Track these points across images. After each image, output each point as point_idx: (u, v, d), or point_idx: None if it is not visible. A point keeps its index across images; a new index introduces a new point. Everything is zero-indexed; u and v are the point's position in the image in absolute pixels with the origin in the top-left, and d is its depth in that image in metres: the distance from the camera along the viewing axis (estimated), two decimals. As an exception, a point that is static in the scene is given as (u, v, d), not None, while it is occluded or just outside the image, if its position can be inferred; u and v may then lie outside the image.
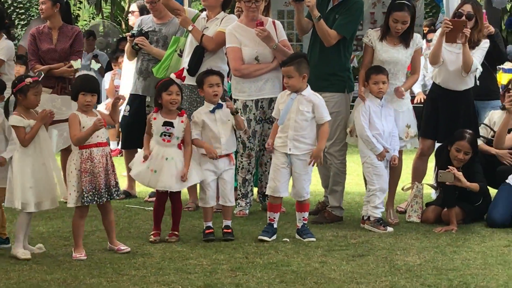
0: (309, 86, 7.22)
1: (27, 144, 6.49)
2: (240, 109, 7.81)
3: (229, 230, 7.17)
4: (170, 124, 6.97)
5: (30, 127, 6.48)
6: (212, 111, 7.16)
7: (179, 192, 7.16)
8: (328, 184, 8.08)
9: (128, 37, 9.15)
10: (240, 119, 7.22)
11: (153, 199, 8.90)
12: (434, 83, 8.33)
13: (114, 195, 6.67)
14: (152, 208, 8.37)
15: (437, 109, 8.18)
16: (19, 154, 6.51)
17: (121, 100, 6.94)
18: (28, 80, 6.56)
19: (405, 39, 7.87)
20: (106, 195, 6.60)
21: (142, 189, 9.40)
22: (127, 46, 9.26)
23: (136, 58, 9.18)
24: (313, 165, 7.21)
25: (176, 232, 7.11)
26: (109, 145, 6.82)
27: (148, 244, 6.98)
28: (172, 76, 7.09)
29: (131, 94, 9.16)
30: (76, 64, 7.90)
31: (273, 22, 8.16)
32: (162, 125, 6.97)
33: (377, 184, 7.65)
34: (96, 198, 6.55)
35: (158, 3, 8.82)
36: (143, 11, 10.03)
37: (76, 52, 8.91)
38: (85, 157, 6.55)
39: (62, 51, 8.86)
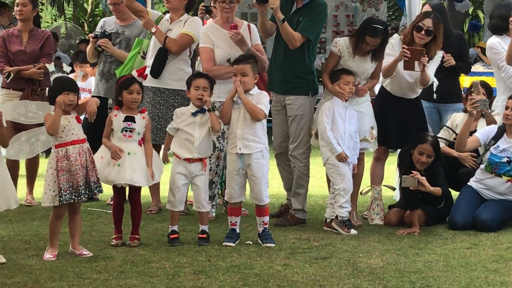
0: (256, 86, 7.18)
1: None
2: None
3: (204, 235, 7.12)
4: (132, 119, 6.93)
5: None
6: (194, 114, 7.11)
7: (138, 194, 7.10)
8: (291, 187, 8.08)
9: (90, 38, 9.10)
10: (215, 118, 7.09)
11: (115, 202, 8.88)
12: (383, 89, 8.35)
13: (96, 191, 6.67)
14: (114, 211, 8.37)
15: (387, 115, 8.20)
16: None
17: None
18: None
19: (374, 55, 7.91)
20: (86, 192, 6.58)
21: (104, 192, 9.32)
22: (88, 47, 9.20)
23: (97, 60, 9.13)
24: None
25: (137, 236, 7.05)
26: (87, 142, 6.71)
27: (110, 247, 6.93)
28: (134, 73, 7.01)
29: (93, 96, 9.11)
30: (50, 67, 7.88)
31: (248, 26, 8.15)
32: (123, 121, 6.92)
33: (341, 184, 7.67)
34: (73, 196, 6.52)
35: (121, 5, 8.80)
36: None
37: (46, 55, 8.92)
38: (61, 155, 6.52)
39: (32, 53, 8.87)
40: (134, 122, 6.94)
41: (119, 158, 6.81)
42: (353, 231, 7.57)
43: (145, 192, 7.24)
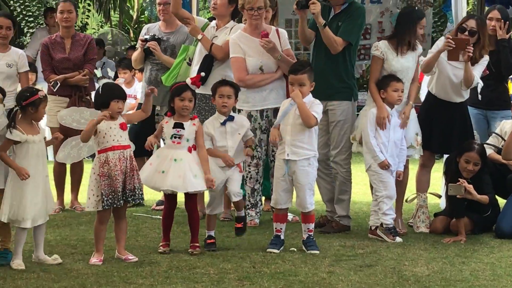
0: (310, 94, 7.19)
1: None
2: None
3: (240, 225, 7.21)
4: (181, 126, 6.94)
5: (28, 142, 6.45)
6: (223, 123, 7.14)
7: (194, 201, 7.09)
8: (329, 198, 8.04)
9: (140, 41, 9.10)
10: (250, 152, 7.27)
11: (161, 207, 8.91)
12: (429, 93, 8.32)
13: (130, 199, 6.67)
14: (159, 217, 8.39)
15: (431, 120, 8.17)
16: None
17: (154, 92, 6.91)
18: (42, 93, 6.57)
19: (413, 47, 7.95)
20: (123, 198, 6.62)
21: (149, 197, 9.40)
22: (135, 53, 9.24)
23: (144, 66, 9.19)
24: None
25: (197, 244, 7.02)
26: (131, 149, 6.77)
27: (155, 253, 6.96)
28: (188, 81, 7.03)
29: (139, 103, 9.17)
30: (98, 72, 7.97)
31: (277, 31, 8.14)
32: (173, 127, 6.94)
33: (384, 191, 7.64)
34: (115, 201, 6.57)
35: (169, 7, 8.79)
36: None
37: (90, 60, 8.98)
38: (102, 161, 6.59)
39: (76, 60, 8.95)
40: (183, 128, 6.94)
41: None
42: (398, 239, 7.52)
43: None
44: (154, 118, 8.94)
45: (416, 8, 7.94)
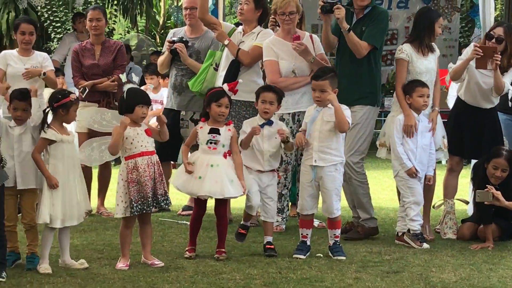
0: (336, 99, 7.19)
1: (34, 158, 6.49)
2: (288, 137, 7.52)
3: (271, 246, 7.14)
4: (217, 131, 6.93)
5: (62, 142, 6.51)
6: (262, 126, 7.15)
7: (224, 207, 7.09)
8: (355, 204, 8.01)
9: (167, 43, 9.09)
10: (290, 145, 7.17)
11: (187, 212, 8.96)
12: (459, 99, 8.29)
13: (162, 204, 6.70)
14: (185, 222, 8.42)
15: (461, 125, 8.13)
16: (52, 170, 6.52)
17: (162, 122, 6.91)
18: (73, 96, 6.62)
19: (429, 44, 7.95)
20: (154, 204, 6.63)
21: (175, 203, 9.41)
22: (161, 57, 9.25)
23: (168, 72, 9.20)
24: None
25: (223, 249, 7.01)
26: (156, 155, 6.79)
27: (182, 258, 6.96)
28: (225, 87, 7.03)
29: (165, 108, 9.20)
30: (123, 77, 8.00)
31: (311, 36, 8.13)
32: (208, 133, 6.94)
33: (411, 197, 7.61)
34: (145, 207, 6.59)
35: (195, 11, 8.80)
36: None
37: (119, 66, 9.04)
38: (130, 167, 6.60)
39: (105, 66, 9.00)
40: (219, 134, 6.94)
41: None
42: (425, 245, 7.48)
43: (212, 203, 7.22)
44: (179, 123, 8.96)
45: (432, 8, 7.92)
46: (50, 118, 6.66)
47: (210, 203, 7.11)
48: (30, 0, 15.25)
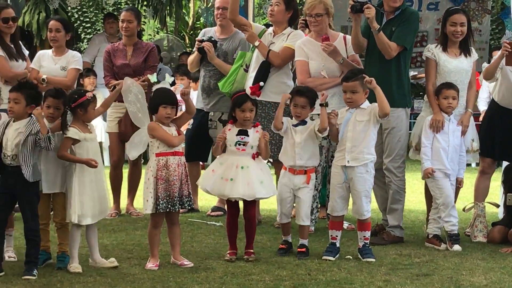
0: (367, 100, 7.18)
1: (60, 158, 6.55)
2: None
3: (303, 249, 7.13)
4: (245, 133, 6.96)
5: (86, 140, 6.56)
6: (295, 125, 7.17)
7: (253, 208, 7.10)
8: (386, 207, 7.96)
9: (196, 41, 9.13)
10: (325, 114, 7.09)
11: (216, 213, 8.98)
12: (492, 100, 8.26)
13: (186, 205, 6.73)
14: (214, 223, 8.45)
15: (493, 126, 8.08)
16: (78, 168, 6.57)
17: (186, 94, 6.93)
18: (89, 94, 6.65)
19: (465, 47, 7.87)
20: (178, 204, 6.64)
21: (204, 203, 9.43)
22: (191, 56, 9.27)
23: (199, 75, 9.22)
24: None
25: (252, 250, 7.02)
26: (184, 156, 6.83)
27: (211, 258, 6.97)
28: (247, 91, 7.07)
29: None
30: (153, 77, 7.98)
31: (344, 38, 8.12)
32: (237, 135, 6.96)
33: (440, 198, 7.57)
34: (170, 206, 6.62)
35: (227, 12, 8.81)
36: None
37: (150, 67, 9.08)
38: (161, 164, 6.63)
39: (136, 66, 9.05)
40: (247, 135, 6.96)
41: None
42: (457, 247, 7.44)
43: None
44: (208, 123, 8.97)
45: (449, 7, 7.88)
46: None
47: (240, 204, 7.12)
48: (66, 1, 15.32)
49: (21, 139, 6.33)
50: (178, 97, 6.84)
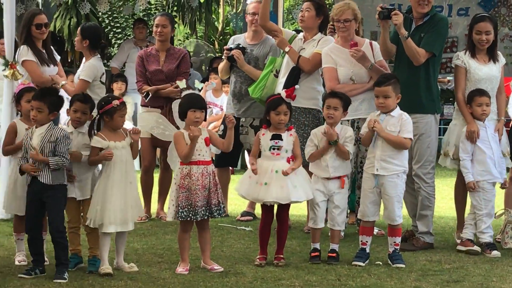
0: (398, 106, 7.17)
1: (91, 165, 6.65)
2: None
3: (334, 254, 7.13)
4: (279, 137, 6.96)
5: (110, 148, 6.59)
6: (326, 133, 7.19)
7: (286, 212, 7.10)
8: (416, 213, 7.93)
9: (225, 50, 9.16)
10: (343, 149, 7.14)
11: (246, 218, 8.99)
12: None
13: (215, 214, 6.70)
14: (244, 227, 8.47)
15: None
16: (104, 174, 6.63)
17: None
18: (115, 102, 6.66)
19: (492, 54, 7.84)
20: (204, 213, 6.65)
21: (234, 208, 9.45)
22: (221, 64, 9.31)
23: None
24: None
25: (282, 255, 7.03)
26: (213, 165, 6.83)
27: (241, 263, 6.99)
28: (282, 94, 7.06)
29: (226, 115, 9.25)
30: (182, 84, 8.03)
31: (370, 43, 8.10)
32: (271, 139, 6.97)
33: (485, 209, 7.57)
34: (190, 215, 6.62)
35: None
36: None
37: (183, 73, 9.10)
38: (184, 173, 6.65)
39: (169, 72, 9.07)
40: (281, 139, 6.96)
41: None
42: (495, 252, 7.42)
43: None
44: (239, 129, 8.99)
45: (476, 14, 7.87)
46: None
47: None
48: (96, 6, 15.42)
49: (40, 145, 6.40)
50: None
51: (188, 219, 6.63)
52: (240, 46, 8.99)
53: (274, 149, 6.95)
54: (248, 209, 9.16)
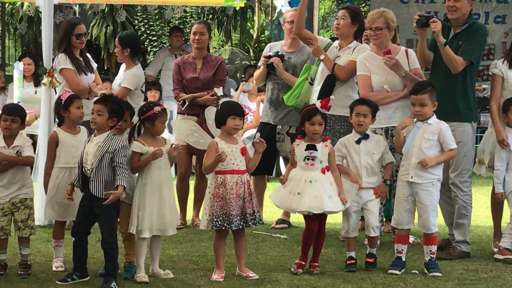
0: (435, 114, 7.14)
1: (134, 172, 6.68)
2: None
3: (372, 260, 7.13)
4: (313, 148, 6.96)
5: (149, 154, 6.63)
6: (358, 142, 7.17)
7: (323, 221, 7.10)
8: (452, 221, 7.88)
9: (263, 57, 9.12)
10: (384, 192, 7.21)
11: (281, 225, 8.99)
12: None
13: (250, 223, 6.72)
14: (279, 235, 8.47)
15: None
16: (141, 181, 6.66)
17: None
18: (157, 108, 6.71)
19: None
20: (239, 222, 6.66)
21: (269, 216, 9.45)
22: (257, 71, 9.32)
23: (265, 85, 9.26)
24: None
25: (317, 263, 7.03)
26: (248, 174, 6.83)
27: (276, 271, 6.99)
28: (317, 104, 7.07)
29: (261, 122, 9.26)
30: (219, 91, 8.04)
31: (406, 51, 8.07)
32: (305, 149, 6.97)
33: None
34: (225, 224, 6.62)
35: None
36: None
37: (219, 81, 9.09)
38: (219, 182, 6.66)
39: (205, 80, 9.08)
40: (316, 150, 6.96)
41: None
42: None
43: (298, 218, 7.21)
44: (275, 136, 9.01)
45: None
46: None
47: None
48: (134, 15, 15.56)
49: (98, 154, 6.45)
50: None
51: (223, 228, 6.64)
52: (279, 53, 9.00)
53: (308, 159, 6.95)
54: (283, 217, 9.16)
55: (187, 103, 8.99)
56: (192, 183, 9.39)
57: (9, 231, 6.81)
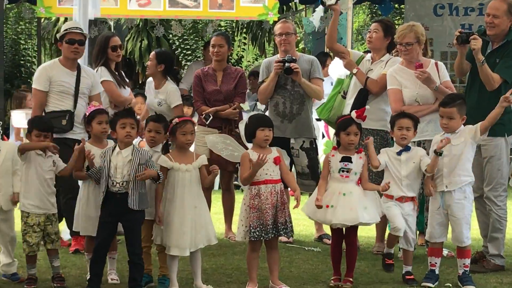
0: (463, 125, 7.14)
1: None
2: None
3: (411, 277, 7.11)
4: (348, 160, 6.95)
5: (174, 170, 6.67)
6: (399, 153, 7.18)
7: (355, 234, 7.08)
8: (487, 233, 7.84)
9: (275, 63, 8.73)
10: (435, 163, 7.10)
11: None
12: None
13: (281, 232, 6.72)
14: (312, 248, 8.46)
15: None
16: (165, 197, 6.71)
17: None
18: (175, 120, 6.79)
19: None
20: (273, 232, 6.68)
21: (302, 229, 9.45)
22: (264, 86, 8.84)
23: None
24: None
25: (351, 278, 7.00)
26: (282, 183, 6.84)
27: (309, 284, 7.00)
28: (353, 114, 7.06)
29: (274, 137, 9.06)
30: (245, 106, 8.04)
31: (436, 64, 8.06)
32: (340, 161, 6.97)
33: None
34: (263, 234, 6.65)
35: (290, 37, 8.76)
36: None
37: (240, 94, 9.00)
38: (253, 193, 6.69)
39: (227, 92, 8.98)
40: (351, 162, 6.96)
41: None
42: None
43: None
44: (290, 151, 8.71)
45: None
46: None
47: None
48: (169, 29, 15.63)
49: (131, 167, 6.51)
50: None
51: (261, 238, 6.66)
52: (294, 58, 8.72)
53: (343, 171, 6.95)
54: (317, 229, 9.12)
55: (211, 117, 8.93)
56: (214, 197, 9.33)
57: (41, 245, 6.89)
